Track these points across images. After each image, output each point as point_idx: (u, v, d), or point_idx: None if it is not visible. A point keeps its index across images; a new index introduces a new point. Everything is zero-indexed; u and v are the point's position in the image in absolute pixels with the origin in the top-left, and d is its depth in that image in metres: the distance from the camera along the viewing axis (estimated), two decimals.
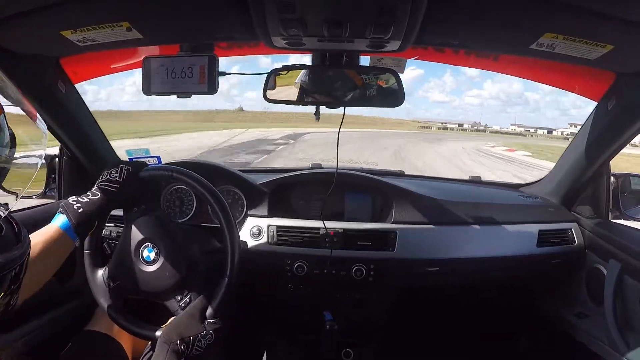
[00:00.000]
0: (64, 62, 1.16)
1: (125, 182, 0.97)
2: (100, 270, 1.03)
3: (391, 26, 0.83)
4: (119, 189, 0.96)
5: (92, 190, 0.95)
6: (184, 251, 1.00)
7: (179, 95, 1.06)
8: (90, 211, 0.92)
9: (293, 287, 1.43)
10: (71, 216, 0.89)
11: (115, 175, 0.97)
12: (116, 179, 0.97)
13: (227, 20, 0.93)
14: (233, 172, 1.49)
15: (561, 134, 73.32)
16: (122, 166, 0.98)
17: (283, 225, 1.40)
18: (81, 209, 0.90)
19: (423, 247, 1.37)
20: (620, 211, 1.40)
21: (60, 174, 1.41)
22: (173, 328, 0.88)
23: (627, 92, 1.07)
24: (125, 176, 0.97)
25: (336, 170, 1.30)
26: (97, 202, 0.93)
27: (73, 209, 0.90)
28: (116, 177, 0.97)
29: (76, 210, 0.90)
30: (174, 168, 1.02)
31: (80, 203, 0.91)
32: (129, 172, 0.98)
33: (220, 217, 1.01)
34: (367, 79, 1.05)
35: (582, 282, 1.41)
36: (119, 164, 1.00)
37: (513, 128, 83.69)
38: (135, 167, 1.00)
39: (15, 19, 0.82)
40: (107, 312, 1.02)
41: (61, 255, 0.89)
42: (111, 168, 0.99)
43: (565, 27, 0.82)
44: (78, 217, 0.90)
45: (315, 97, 1.07)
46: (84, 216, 0.90)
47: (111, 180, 0.96)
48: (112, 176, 0.97)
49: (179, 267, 0.98)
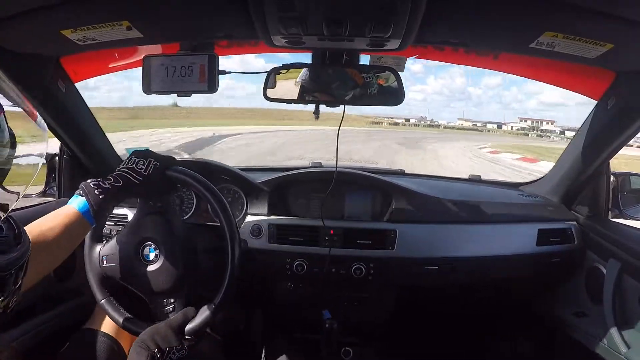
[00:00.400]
0: (64, 61, 1.16)
1: (150, 177, 0.94)
2: (98, 246, 1.02)
3: (391, 25, 0.83)
4: (141, 182, 0.93)
5: (114, 175, 0.93)
6: (184, 255, 0.99)
7: (179, 94, 1.06)
8: (110, 198, 0.90)
9: (293, 286, 1.44)
10: (92, 201, 0.87)
11: (142, 167, 0.94)
12: (141, 172, 0.94)
13: (227, 19, 0.93)
14: (233, 170, 1.49)
15: (511, 128, 72.60)
16: (151, 160, 0.96)
17: (283, 224, 1.40)
18: (102, 195, 0.88)
19: (423, 246, 1.37)
20: (620, 210, 1.40)
21: (60, 172, 1.42)
22: (150, 335, 0.88)
23: (626, 91, 1.07)
24: (152, 171, 0.94)
25: (335, 169, 1.30)
26: (118, 189, 0.91)
27: (94, 193, 0.88)
28: (142, 170, 0.94)
29: (97, 196, 0.88)
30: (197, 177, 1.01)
31: (102, 189, 0.89)
32: (156, 168, 0.95)
33: (220, 215, 1.01)
34: (367, 77, 1.05)
35: (582, 281, 1.41)
36: (148, 156, 0.97)
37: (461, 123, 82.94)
38: (163, 164, 0.97)
39: (15, 18, 0.82)
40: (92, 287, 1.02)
41: (77, 237, 0.88)
42: (139, 157, 0.96)
43: (565, 26, 0.82)
44: (99, 203, 0.88)
45: (315, 96, 1.07)
46: (104, 202, 0.89)
47: (136, 170, 0.94)
48: (138, 167, 0.94)
49: (175, 272, 0.98)
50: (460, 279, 1.41)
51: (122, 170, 0.94)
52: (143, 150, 1.00)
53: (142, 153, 0.98)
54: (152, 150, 1.02)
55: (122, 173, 0.93)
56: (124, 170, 0.94)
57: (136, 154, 0.97)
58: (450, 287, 1.50)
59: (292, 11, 0.80)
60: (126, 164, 0.95)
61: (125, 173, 0.93)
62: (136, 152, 0.99)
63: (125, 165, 0.95)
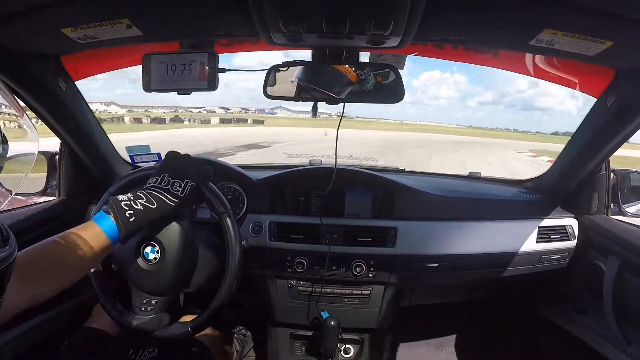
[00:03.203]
0: (64, 59, 1.17)
1: (186, 199, 0.89)
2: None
3: (391, 22, 0.83)
4: (177, 205, 0.88)
5: (147, 194, 0.86)
6: (185, 254, 1.00)
7: (179, 92, 1.06)
8: (142, 221, 0.84)
9: (293, 283, 1.44)
10: (121, 224, 0.81)
11: (178, 189, 0.89)
12: (177, 194, 0.88)
13: (227, 17, 0.93)
14: (233, 168, 1.49)
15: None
16: (188, 181, 0.90)
17: (283, 222, 1.41)
18: (133, 217, 0.82)
19: (423, 243, 1.38)
20: (620, 207, 1.40)
21: (61, 171, 1.42)
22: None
23: (626, 89, 1.07)
24: (188, 193, 0.90)
25: (335, 166, 1.30)
26: (150, 213, 0.85)
27: (125, 216, 0.81)
28: (178, 192, 0.88)
29: (127, 219, 0.81)
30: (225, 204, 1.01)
31: (134, 210, 0.82)
32: (192, 188, 0.90)
33: (220, 214, 1.01)
34: (366, 75, 1.05)
35: (582, 278, 1.41)
36: (184, 176, 0.91)
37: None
38: (198, 182, 0.93)
39: (16, 16, 0.82)
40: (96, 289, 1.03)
41: (98, 258, 0.84)
42: (175, 178, 0.90)
43: (564, 23, 0.82)
44: (129, 227, 0.81)
45: (314, 94, 1.07)
46: (135, 226, 0.83)
47: (172, 192, 0.88)
48: (174, 189, 0.88)
49: (176, 271, 0.98)
50: (461, 276, 1.41)
51: (155, 189, 0.88)
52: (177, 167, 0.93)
53: (177, 171, 0.91)
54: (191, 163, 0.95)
55: (156, 194, 0.87)
56: (157, 191, 0.87)
57: (170, 173, 0.90)
58: (451, 284, 1.51)
59: (292, 9, 0.80)
60: (161, 183, 0.89)
61: (159, 194, 0.87)
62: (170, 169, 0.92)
63: (160, 184, 0.89)
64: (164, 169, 0.92)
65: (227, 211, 1.00)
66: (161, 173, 0.91)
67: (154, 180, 0.90)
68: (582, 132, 1.31)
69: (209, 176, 0.97)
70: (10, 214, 1.23)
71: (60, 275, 0.76)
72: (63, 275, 0.77)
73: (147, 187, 0.89)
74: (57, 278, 0.75)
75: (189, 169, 0.93)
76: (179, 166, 0.93)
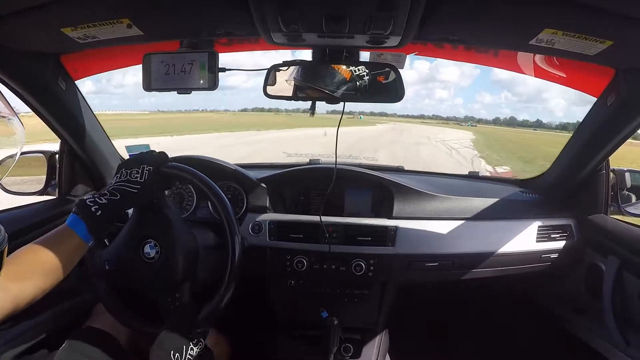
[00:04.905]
0: (64, 59, 1.17)
1: (147, 183, 0.92)
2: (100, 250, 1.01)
3: (391, 22, 0.83)
4: (140, 191, 0.91)
5: (110, 190, 0.90)
6: (185, 249, 1.00)
7: (180, 92, 1.06)
8: (108, 214, 0.86)
9: (293, 283, 1.44)
10: (88, 219, 0.84)
11: (137, 175, 0.92)
12: (137, 180, 0.91)
13: (227, 17, 0.93)
14: (233, 167, 1.49)
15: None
16: (144, 166, 0.93)
17: (283, 221, 1.41)
18: (99, 211, 0.85)
19: (423, 243, 1.38)
20: (619, 207, 1.40)
21: (61, 170, 1.42)
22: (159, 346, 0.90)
23: (626, 88, 1.07)
24: (147, 177, 0.92)
25: (335, 165, 1.30)
26: (115, 204, 0.88)
27: (90, 211, 0.84)
28: (137, 178, 0.91)
29: (94, 214, 0.84)
30: (193, 172, 1.01)
31: (98, 205, 0.86)
32: (151, 172, 0.93)
33: (220, 212, 1.01)
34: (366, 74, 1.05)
35: (581, 278, 1.41)
36: (140, 163, 0.94)
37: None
38: (156, 165, 0.95)
39: (16, 16, 0.82)
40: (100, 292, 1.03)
41: (74, 257, 0.85)
42: (130, 167, 0.93)
43: (564, 23, 0.82)
44: (96, 220, 0.84)
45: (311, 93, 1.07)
46: (102, 220, 0.85)
47: (131, 180, 0.91)
48: (133, 176, 0.91)
49: (177, 268, 0.98)
50: (460, 275, 1.41)
51: (118, 183, 0.92)
52: (132, 158, 0.98)
53: (132, 161, 0.95)
54: (146, 152, 0.99)
55: (119, 186, 0.90)
56: (119, 184, 0.91)
57: (127, 165, 0.94)
58: (451, 283, 1.51)
59: (292, 9, 0.80)
60: (120, 177, 0.93)
61: (121, 186, 0.91)
62: (126, 162, 0.97)
63: (120, 178, 0.93)
64: (121, 166, 0.96)
65: (196, 177, 1.01)
66: (119, 169, 0.95)
67: (114, 178, 0.94)
68: (582, 132, 1.31)
69: (164, 158, 0.99)
70: (10, 214, 1.23)
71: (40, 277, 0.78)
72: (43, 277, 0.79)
73: (109, 184, 0.93)
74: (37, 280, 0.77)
75: (144, 157, 0.97)
76: (135, 158, 0.97)
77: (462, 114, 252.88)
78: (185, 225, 1.04)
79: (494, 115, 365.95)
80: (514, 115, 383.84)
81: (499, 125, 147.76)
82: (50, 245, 0.80)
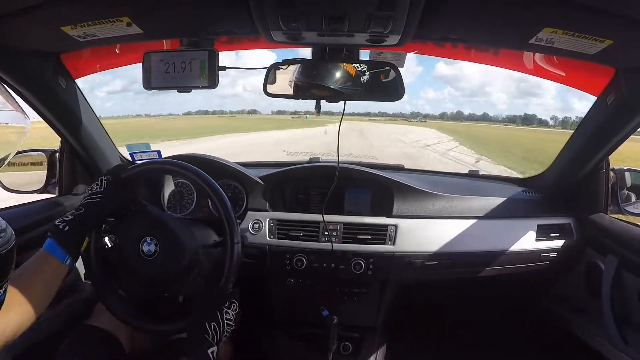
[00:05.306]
0: (64, 57, 1.17)
1: (107, 192, 0.97)
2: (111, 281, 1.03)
3: (390, 21, 0.83)
4: (102, 200, 0.96)
5: (77, 206, 0.95)
6: (184, 242, 1.00)
7: (179, 90, 1.06)
8: (76, 228, 0.91)
9: (292, 281, 1.44)
10: (58, 236, 0.88)
11: (97, 187, 0.97)
12: (97, 190, 0.96)
13: (227, 15, 0.93)
14: (233, 166, 1.50)
15: None
16: (102, 177, 0.99)
17: (283, 219, 1.41)
18: (66, 227, 0.89)
19: (422, 241, 1.38)
20: (619, 206, 1.39)
21: (61, 169, 1.42)
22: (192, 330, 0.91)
23: (626, 88, 1.07)
24: (106, 186, 0.97)
25: (337, 164, 1.31)
26: (81, 217, 0.92)
27: (59, 229, 0.89)
28: (97, 189, 0.97)
29: (62, 230, 0.89)
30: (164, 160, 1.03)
31: (65, 221, 0.90)
32: (109, 181, 0.98)
33: (220, 210, 1.01)
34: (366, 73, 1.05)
35: (580, 277, 1.42)
36: (100, 175, 1.00)
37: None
38: (115, 174, 1.00)
39: (16, 14, 0.83)
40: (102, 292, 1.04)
41: (55, 281, 0.89)
42: (92, 182, 0.99)
43: (564, 22, 0.82)
44: (64, 235, 0.89)
45: (314, 92, 1.07)
46: (70, 234, 0.90)
47: (93, 193, 0.96)
48: (94, 189, 0.97)
49: (181, 256, 0.98)
50: (460, 273, 1.41)
51: (83, 199, 0.97)
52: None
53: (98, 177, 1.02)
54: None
55: (83, 201, 0.96)
56: (84, 199, 0.97)
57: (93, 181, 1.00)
58: (450, 282, 1.51)
59: (292, 7, 0.80)
60: (86, 193, 0.98)
61: (85, 200, 0.96)
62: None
63: (85, 194, 0.98)
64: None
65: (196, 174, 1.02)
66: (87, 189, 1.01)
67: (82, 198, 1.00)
68: (582, 131, 1.31)
69: (123, 167, 1.04)
70: (10, 212, 1.23)
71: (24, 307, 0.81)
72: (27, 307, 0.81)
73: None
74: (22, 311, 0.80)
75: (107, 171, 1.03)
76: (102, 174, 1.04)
77: (408, 110, 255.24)
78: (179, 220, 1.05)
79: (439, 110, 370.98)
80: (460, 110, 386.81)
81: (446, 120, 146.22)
82: (29, 274, 0.83)
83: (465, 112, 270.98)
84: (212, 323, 0.91)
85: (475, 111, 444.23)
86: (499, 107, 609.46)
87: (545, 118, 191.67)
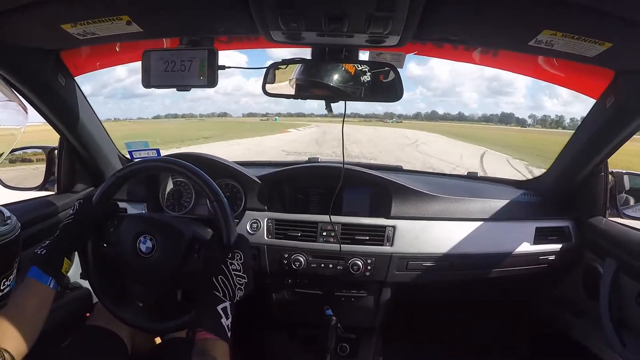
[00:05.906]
0: (64, 55, 1.17)
1: (80, 212, 1.00)
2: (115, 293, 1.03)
3: (390, 21, 0.83)
4: (76, 219, 0.99)
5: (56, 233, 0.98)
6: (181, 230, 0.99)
7: (179, 89, 1.06)
8: (53, 251, 0.93)
9: (290, 281, 1.44)
10: (37, 261, 0.91)
11: (70, 211, 1.01)
12: (70, 214, 1.00)
13: (227, 15, 0.93)
14: (232, 165, 1.50)
15: None
16: (75, 202, 1.02)
17: (281, 219, 1.41)
18: (44, 251, 0.92)
19: (421, 243, 1.38)
20: (618, 209, 1.39)
21: (60, 166, 1.42)
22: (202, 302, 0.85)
23: (625, 90, 1.07)
24: (78, 207, 1.00)
25: (343, 164, 1.30)
26: (57, 239, 0.96)
27: (38, 255, 0.92)
28: (70, 212, 1.00)
29: (39, 255, 0.92)
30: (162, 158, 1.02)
31: (42, 247, 0.94)
32: (81, 204, 1.01)
33: (217, 210, 1.01)
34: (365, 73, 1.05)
35: (579, 280, 1.41)
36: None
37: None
38: (86, 197, 1.03)
39: (16, 12, 0.83)
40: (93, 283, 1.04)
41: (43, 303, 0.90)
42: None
43: (564, 24, 0.82)
44: (43, 259, 0.91)
45: (314, 92, 1.07)
46: (49, 257, 0.92)
47: (67, 216, 1.00)
48: (69, 213, 1.00)
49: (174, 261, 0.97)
50: (457, 276, 1.41)
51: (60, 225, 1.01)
52: None
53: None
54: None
55: (59, 227, 0.99)
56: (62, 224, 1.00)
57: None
58: (448, 283, 1.51)
59: (291, 7, 0.80)
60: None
61: (61, 225, 0.99)
62: None
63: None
64: None
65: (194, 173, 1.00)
66: None
67: None
68: (581, 134, 1.31)
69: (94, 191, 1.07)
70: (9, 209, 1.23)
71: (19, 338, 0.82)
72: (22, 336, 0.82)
73: None
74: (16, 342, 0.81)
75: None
76: None
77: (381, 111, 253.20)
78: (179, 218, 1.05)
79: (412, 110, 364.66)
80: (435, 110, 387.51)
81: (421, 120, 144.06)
82: (19, 302, 0.86)
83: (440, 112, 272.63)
84: (220, 277, 0.86)
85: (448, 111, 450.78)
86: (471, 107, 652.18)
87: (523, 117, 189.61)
